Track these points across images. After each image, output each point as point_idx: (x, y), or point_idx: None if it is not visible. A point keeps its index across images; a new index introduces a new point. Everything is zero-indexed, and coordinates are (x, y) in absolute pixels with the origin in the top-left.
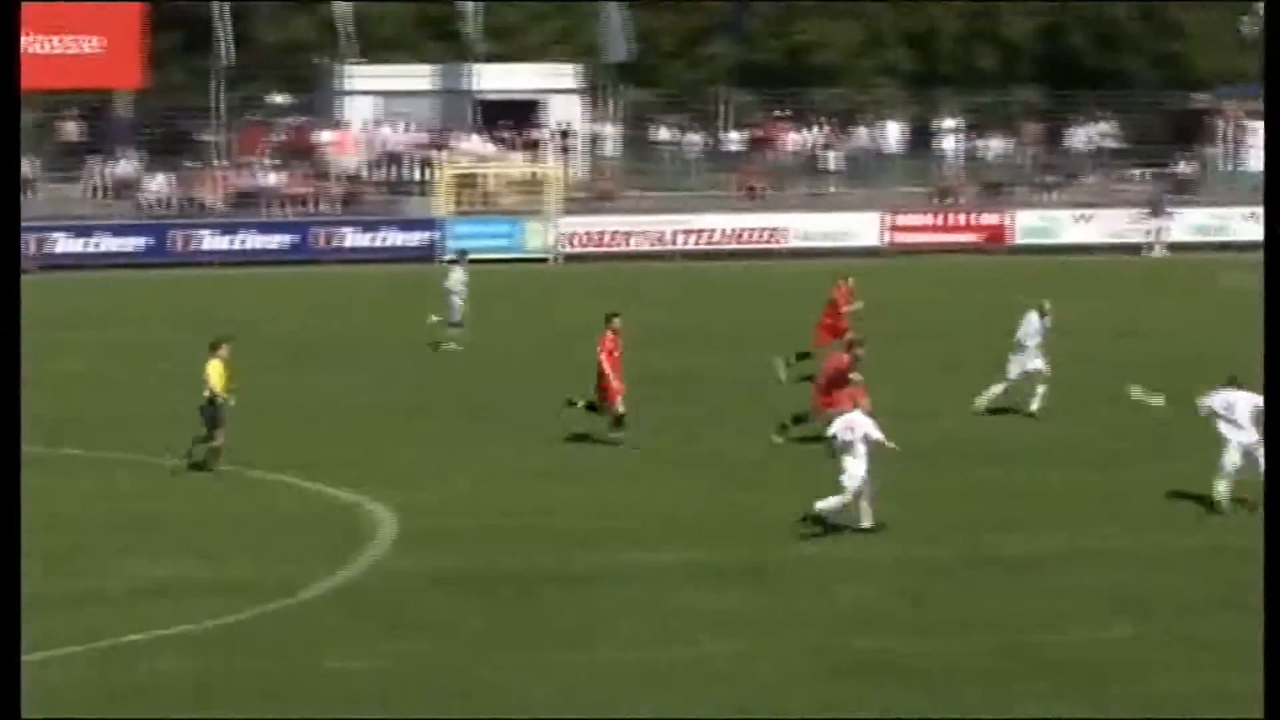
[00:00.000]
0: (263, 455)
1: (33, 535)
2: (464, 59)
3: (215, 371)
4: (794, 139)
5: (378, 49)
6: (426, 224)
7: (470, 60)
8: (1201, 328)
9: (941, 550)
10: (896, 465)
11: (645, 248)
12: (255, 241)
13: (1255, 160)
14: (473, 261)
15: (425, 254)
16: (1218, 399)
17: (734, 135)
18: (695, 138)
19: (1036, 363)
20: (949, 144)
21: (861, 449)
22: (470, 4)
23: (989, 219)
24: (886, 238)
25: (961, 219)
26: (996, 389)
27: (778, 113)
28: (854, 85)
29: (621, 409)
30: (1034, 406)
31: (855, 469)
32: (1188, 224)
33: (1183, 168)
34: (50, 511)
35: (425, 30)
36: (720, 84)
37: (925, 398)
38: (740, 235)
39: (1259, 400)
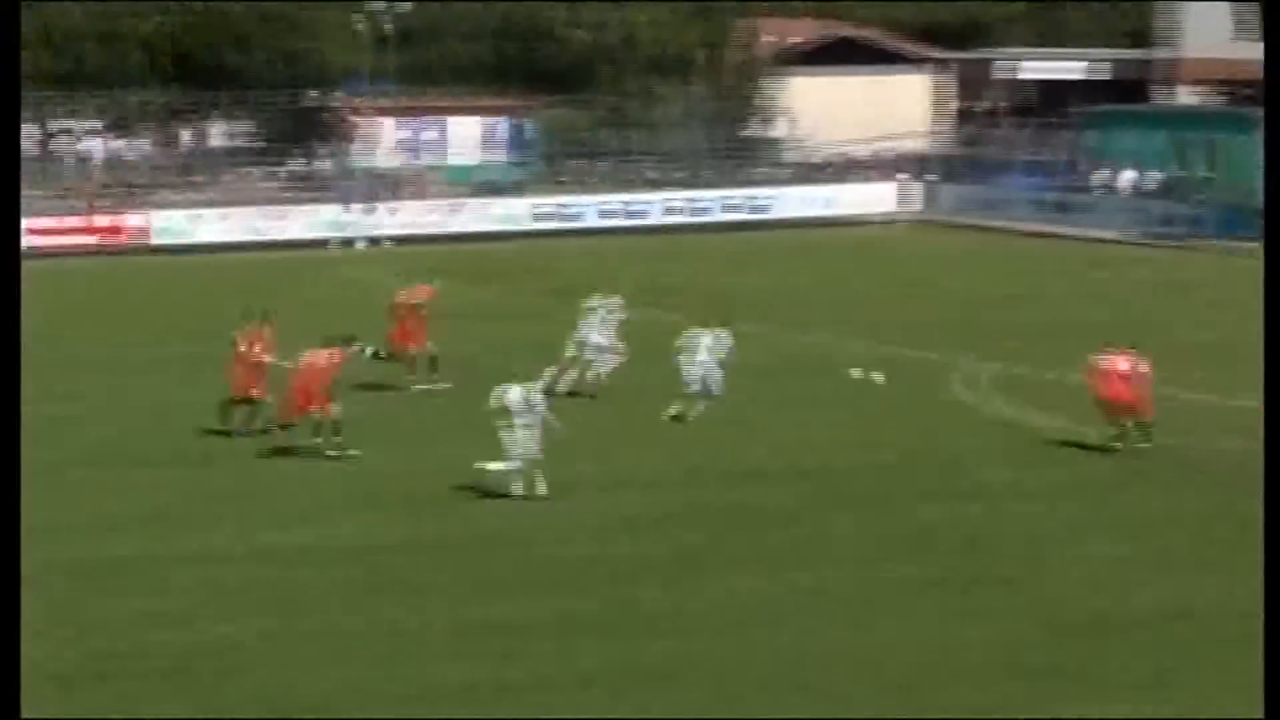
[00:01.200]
0: None
1: None
2: None
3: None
4: None
5: None
6: None
7: None
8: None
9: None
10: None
11: None
12: None
13: (379, 156)
14: None
15: None
16: (692, 336)
17: None
18: None
19: (600, 339)
20: (82, 145)
21: (532, 418)
22: None
23: (125, 220)
24: (21, 241)
25: (97, 221)
26: (571, 373)
27: None
28: None
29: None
30: (562, 387)
31: (526, 439)
32: (321, 220)
33: (314, 165)
34: None
35: None
36: None
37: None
38: None
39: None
